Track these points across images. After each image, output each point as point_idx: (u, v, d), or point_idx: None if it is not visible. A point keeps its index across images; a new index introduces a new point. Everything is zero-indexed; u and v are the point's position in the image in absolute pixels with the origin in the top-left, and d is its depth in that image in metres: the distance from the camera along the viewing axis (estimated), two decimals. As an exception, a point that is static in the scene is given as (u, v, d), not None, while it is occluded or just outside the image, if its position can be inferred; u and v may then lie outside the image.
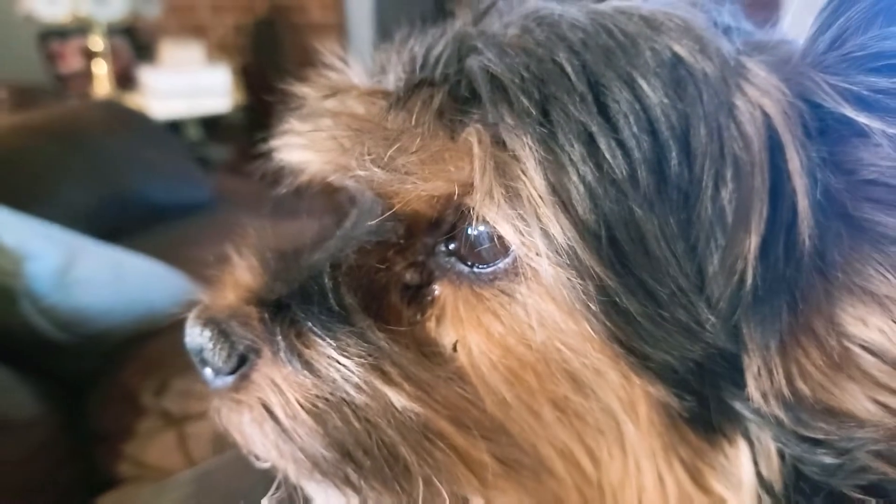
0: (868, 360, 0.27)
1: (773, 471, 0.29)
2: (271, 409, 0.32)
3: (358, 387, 0.30)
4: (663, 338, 0.27)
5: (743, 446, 0.29)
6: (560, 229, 0.26)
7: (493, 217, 0.27)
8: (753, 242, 0.26)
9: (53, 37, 2.65)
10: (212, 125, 2.84)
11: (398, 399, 0.30)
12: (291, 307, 0.32)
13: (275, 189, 0.39)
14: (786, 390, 0.27)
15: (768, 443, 0.28)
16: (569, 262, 0.26)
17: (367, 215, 0.33)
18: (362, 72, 0.33)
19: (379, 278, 0.33)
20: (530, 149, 0.26)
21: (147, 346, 1.12)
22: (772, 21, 0.33)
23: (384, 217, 0.32)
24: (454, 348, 0.31)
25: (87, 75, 2.63)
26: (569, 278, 0.26)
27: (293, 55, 3.06)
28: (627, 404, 0.29)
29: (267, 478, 0.35)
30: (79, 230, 1.20)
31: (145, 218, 1.64)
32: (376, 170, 0.29)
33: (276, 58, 3.04)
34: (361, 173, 0.30)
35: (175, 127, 2.50)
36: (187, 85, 2.58)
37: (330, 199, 0.39)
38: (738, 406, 0.28)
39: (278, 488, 0.35)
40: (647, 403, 0.28)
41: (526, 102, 0.27)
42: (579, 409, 0.30)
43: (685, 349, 0.27)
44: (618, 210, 0.26)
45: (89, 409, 1.08)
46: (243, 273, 0.35)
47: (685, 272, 0.27)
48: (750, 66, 0.28)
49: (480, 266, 0.30)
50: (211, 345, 0.33)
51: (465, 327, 0.31)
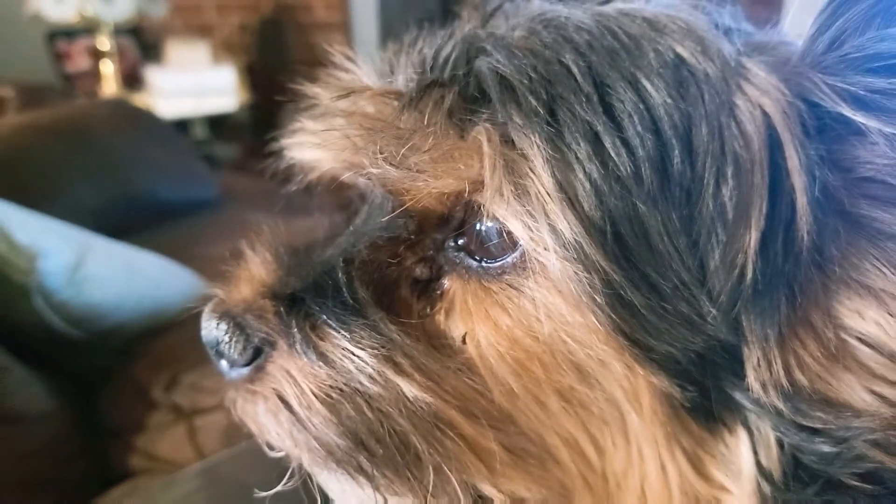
0: (865, 352, 0.28)
1: (772, 459, 0.29)
2: (286, 400, 0.32)
3: (371, 377, 0.31)
4: (666, 330, 0.28)
5: (743, 435, 0.29)
6: (567, 225, 0.27)
7: (503, 213, 0.28)
8: (753, 238, 0.26)
9: (60, 36, 2.66)
10: (218, 124, 2.85)
11: (409, 389, 0.31)
12: (306, 301, 0.33)
13: (284, 186, 0.40)
14: (784, 381, 0.28)
15: (767, 432, 0.29)
16: (575, 256, 0.27)
17: (378, 212, 0.34)
18: (372, 72, 0.33)
19: (390, 273, 0.34)
20: (538, 147, 0.27)
21: (157, 341, 1.13)
22: (773, 19, 0.33)
23: (396, 213, 0.33)
24: (463, 340, 0.32)
25: (94, 75, 2.64)
26: (575, 272, 0.27)
27: (298, 54, 3.06)
28: (631, 394, 0.29)
29: (275, 469, 0.36)
30: (87, 228, 1.20)
31: (153, 216, 1.64)
32: (389, 168, 0.30)
33: (282, 57, 3.04)
34: (374, 171, 0.31)
35: (182, 126, 2.51)
36: (193, 84, 2.59)
37: (338, 195, 0.40)
38: (739, 396, 0.29)
39: (292, 477, 0.35)
40: (650, 393, 0.29)
41: (534, 102, 0.27)
42: (584, 399, 0.30)
43: (687, 341, 0.28)
44: (622, 206, 0.27)
45: (101, 404, 1.09)
46: (257, 268, 0.35)
47: (687, 266, 0.27)
48: (750, 67, 0.28)
49: (489, 260, 0.31)
50: (227, 338, 0.33)
51: (473, 320, 0.31)
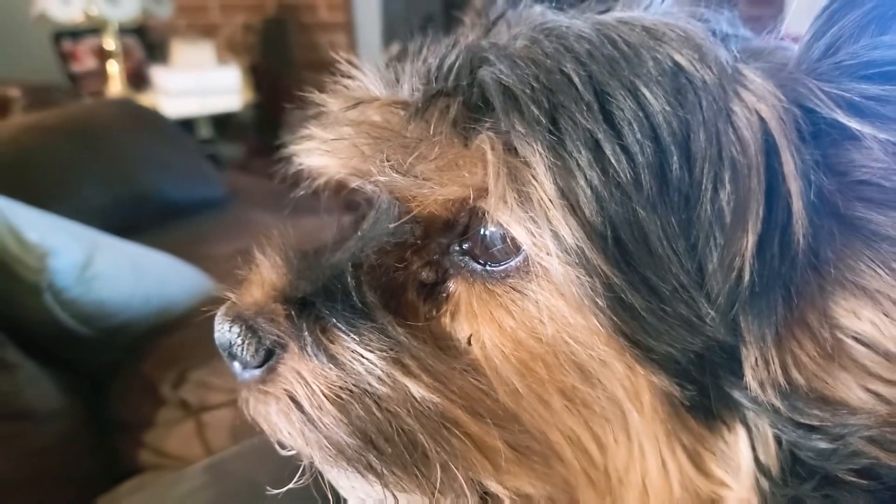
0: (860, 351, 0.29)
1: (770, 456, 0.30)
2: (297, 400, 0.33)
3: (380, 378, 0.32)
4: (666, 331, 0.28)
5: (742, 432, 0.30)
6: (569, 230, 0.28)
7: (506, 219, 0.29)
8: (750, 241, 0.27)
9: (66, 37, 2.67)
10: (222, 123, 2.86)
11: (417, 390, 0.32)
12: (316, 304, 0.34)
13: (290, 188, 0.41)
14: (782, 380, 0.28)
15: (766, 429, 0.30)
16: (577, 260, 0.28)
17: (385, 217, 0.34)
18: (379, 81, 0.34)
19: (397, 277, 0.34)
20: (540, 155, 0.28)
21: (165, 339, 1.14)
22: (774, 18, 0.34)
23: (402, 219, 0.33)
24: (468, 342, 0.33)
25: (99, 75, 2.66)
26: (577, 276, 0.28)
27: (302, 54, 3.06)
28: (632, 393, 0.30)
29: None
30: (94, 227, 1.21)
31: (160, 215, 1.65)
32: (396, 176, 0.31)
33: (285, 57, 3.05)
34: (381, 179, 0.31)
35: (186, 125, 2.52)
36: (198, 84, 2.60)
37: (341, 197, 0.41)
38: (737, 395, 0.30)
39: (303, 475, 0.37)
40: (651, 392, 0.30)
41: (536, 111, 0.28)
42: (587, 398, 0.31)
43: (686, 341, 0.28)
44: (622, 212, 0.28)
45: (110, 401, 1.10)
46: (268, 272, 0.36)
47: (686, 269, 0.28)
48: (747, 74, 0.29)
49: (493, 264, 0.32)
50: (239, 340, 0.34)
51: (478, 322, 0.32)
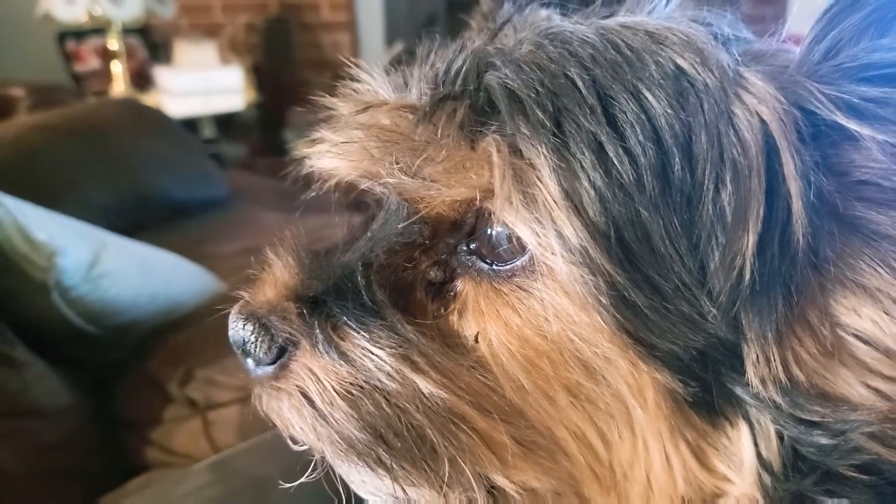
0: (860, 348, 0.29)
1: (772, 451, 0.30)
2: (309, 396, 0.34)
3: (389, 375, 0.33)
4: (669, 328, 0.29)
5: (744, 428, 0.31)
6: (573, 230, 0.28)
7: (512, 220, 0.30)
8: (751, 240, 0.28)
9: (70, 37, 2.68)
10: (225, 123, 2.87)
11: (426, 386, 0.32)
12: (327, 303, 0.34)
13: (303, 190, 0.42)
14: (783, 376, 0.29)
15: (767, 425, 0.30)
16: (581, 260, 0.28)
17: (394, 218, 0.35)
18: (387, 85, 0.35)
19: (406, 276, 0.35)
20: (545, 157, 0.28)
21: (172, 337, 1.15)
22: (778, 17, 0.34)
23: (411, 220, 0.34)
24: (475, 339, 0.33)
25: (103, 75, 2.67)
26: (581, 275, 0.29)
27: (304, 54, 3.07)
28: (636, 390, 0.31)
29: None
30: (99, 226, 1.22)
31: (164, 214, 1.66)
32: (405, 178, 0.31)
33: (288, 56, 3.05)
34: (391, 181, 0.32)
35: (190, 125, 2.53)
36: (201, 84, 2.60)
37: (349, 197, 0.42)
38: (739, 391, 0.30)
39: (314, 470, 0.37)
40: (654, 389, 0.30)
41: (540, 114, 0.29)
42: (591, 395, 0.32)
43: (689, 339, 0.29)
44: (626, 212, 0.28)
45: (117, 398, 1.11)
46: (280, 271, 0.37)
47: (688, 268, 0.28)
48: (748, 76, 0.29)
49: (499, 264, 0.32)
50: (253, 338, 0.35)
51: (485, 320, 0.33)
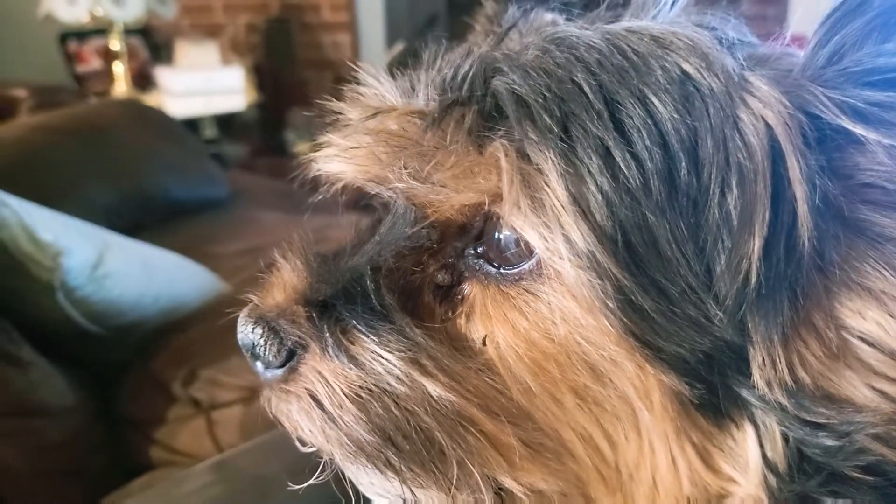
0: (865, 351, 0.29)
1: (777, 452, 0.31)
2: (318, 399, 0.34)
3: (398, 378, 0.33)
4: (675, 331, 0.29)
5: (749, 430, 0.31)
6: (580, 235, 0.29)
7: (520, 224, 0.30)
8: (757, 244, 0.28)
9: (72, 37, 2.68)
10: (226, 123, 2.87)
11: (434, 389, 0.33)
12: (336, 307, 0.35)
13: (310, 193, 0.42)
14: (788, 379, 0.29)
15: (773, 427, 0.30)
16: (588, 264, 0.29)
17: (402, 222, 0.35)
18: (395, 90, 0.35)
19: (414, 279, 0.35)
20: (552, 162, 0.29)
21: (175, 337, 1.15)
22: (779, 15, 0.35)
23: (419, 225, 0.34)
24: (483, 342, 0.34)
25: (105, 75, 2.67)
26: (588, 279, 0.29)
27: (305, 54, 3.07)
28: (642, 392, 0.31)
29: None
30: (101, 226, 1.22)
31: (166, 214, 1.66)
32: (413, 182, 0.32)
33: (289, 56, 3.05)
34: (399, 185, 0.32)
35: (191, 125, 2.53)
36: (203, 84, 2.60)
37: (354, 200, 0.42)
38: (745, 393, 0.30)
39: (322, 471, 0.38)
40: (661, 391, 0.31)
41: (548, 120, 0.29)
42: (598, 397, 0.32)
43: (695, 342, 0.29)
44: (632, 216, 0.28)
45: (120, 398, 1.12)
46: (289, 275, 0.37)
47: (695, 272, 0.29)
48: (753, 81, 0.30)
49: (507, 267, 0.33)
50: (262, 341, 0.35)
51: (493, 323, 0.33)
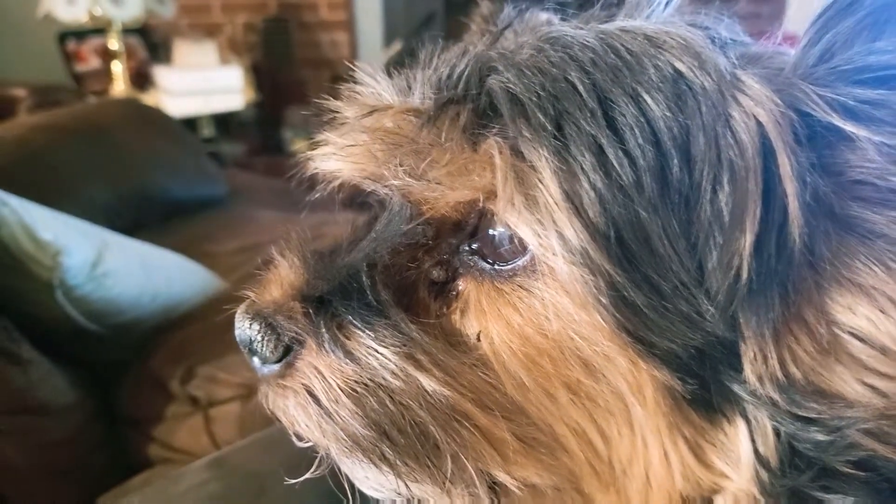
0: (856, 346, 0.30)
1: (769, 447, 0.31)
2: (315, 394, 0.35)
3: (393, 373, 0.33)
4: (667, 327, 0.30)
5: (741, 425, 0.31)
6: (573, 231, 0.29)
7: (514, 221, 0.30)
8: (748, 240, 0.28)
9: (71, 37, 2.68)
10: (224, 122, 2.87)
11: (429, 383, 0.33)
12: (333, 302, 0.35)
13: (307, 192, 0.42)
14: (779, 374, 0.30)
15: (765, 422, 0.31)
16: (581, 260, 0.29)
17: (398, 219, 0.36)
18: (391, 88, 0.35)
19: (410, 276, 0.36)
20: (546, 160, 0.29)
21: (173, 335, 1.16)
22: (773, 13, 0.35)
23: (415, 221, 0.35)
24: (478, 338, 0.34)
25: (103, 74, 2.67)
26: (582, 275, 0.29)
27: (303, 53, 3.07)
28: (635, 387, 0.31)
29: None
30: (100, 225, 1.23)
31: (165, 213, 1.66)
32: (409, 180, 0.32)
33: (287, 55, 3.05)
34: (395, 183, 0.33)
35: (189, 124, 2.53)
36: (201, 83, 2.60)
37: (350, 198, 0.43)
38: (737, 388, 0.31)
39: (319, 466, 0.38)
40: (653, 386, 0.31)
41: (542, 118, 0.29)
42: (591, 392, 0.32)
43: (687, 337, 0.30)
44: (625, 213, 0.29)
45: (119, 396, 1.12)
46: (286, 271, 0.38)
47: (687, 268, 0.29)
48: (745, 79, 0.30)
49: (501, 264, 0.33)
50: (259, 337, 0.36)
51: (487, 319, 0.34)
